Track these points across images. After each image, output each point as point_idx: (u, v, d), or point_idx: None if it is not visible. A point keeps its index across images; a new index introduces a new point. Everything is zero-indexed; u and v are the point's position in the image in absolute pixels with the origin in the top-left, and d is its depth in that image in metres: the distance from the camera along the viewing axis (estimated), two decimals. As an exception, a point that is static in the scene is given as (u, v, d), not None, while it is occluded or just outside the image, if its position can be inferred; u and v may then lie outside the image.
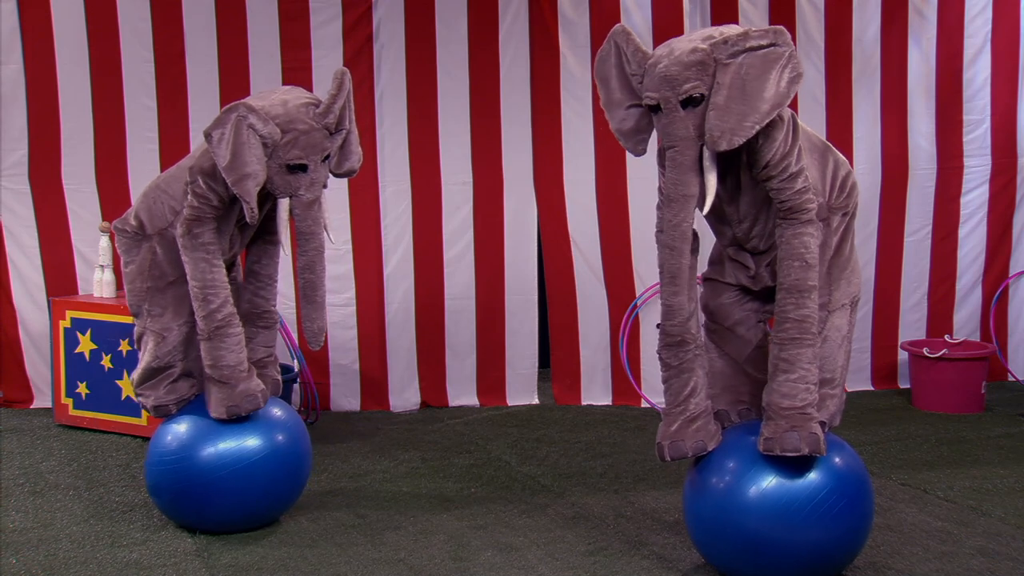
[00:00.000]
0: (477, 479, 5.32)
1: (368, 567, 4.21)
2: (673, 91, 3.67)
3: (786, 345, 3.78)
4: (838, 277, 3.95)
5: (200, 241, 4.46)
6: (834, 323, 3.93)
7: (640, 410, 6.64)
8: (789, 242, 3.77)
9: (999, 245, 7.14)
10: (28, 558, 4.28)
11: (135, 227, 4.65)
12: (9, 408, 6.54)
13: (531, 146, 6.72)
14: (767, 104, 3.62)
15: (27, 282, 6.57)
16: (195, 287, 4.47)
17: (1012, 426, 6.25)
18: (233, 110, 4.36)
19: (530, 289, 6.79)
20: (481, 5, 6.59)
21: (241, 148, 4.30)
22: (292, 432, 4.64)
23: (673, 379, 3.97)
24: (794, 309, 3.77)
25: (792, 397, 3.76)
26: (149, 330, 4.64)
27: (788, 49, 3.70)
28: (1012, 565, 4.20)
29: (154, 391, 4.62)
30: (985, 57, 7.00)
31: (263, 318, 4.80)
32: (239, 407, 4.46)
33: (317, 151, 4.39)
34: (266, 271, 4.81)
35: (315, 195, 4.44)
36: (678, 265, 3.79)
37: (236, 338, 4.50)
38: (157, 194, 4.65)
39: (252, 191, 4.31)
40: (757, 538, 3.80)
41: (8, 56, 6.41)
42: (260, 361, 4.75)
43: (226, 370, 4.46)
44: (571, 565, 4.22)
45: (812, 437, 3.73)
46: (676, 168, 3.72)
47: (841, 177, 3.93)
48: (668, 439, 3.94)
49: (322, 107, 4.42)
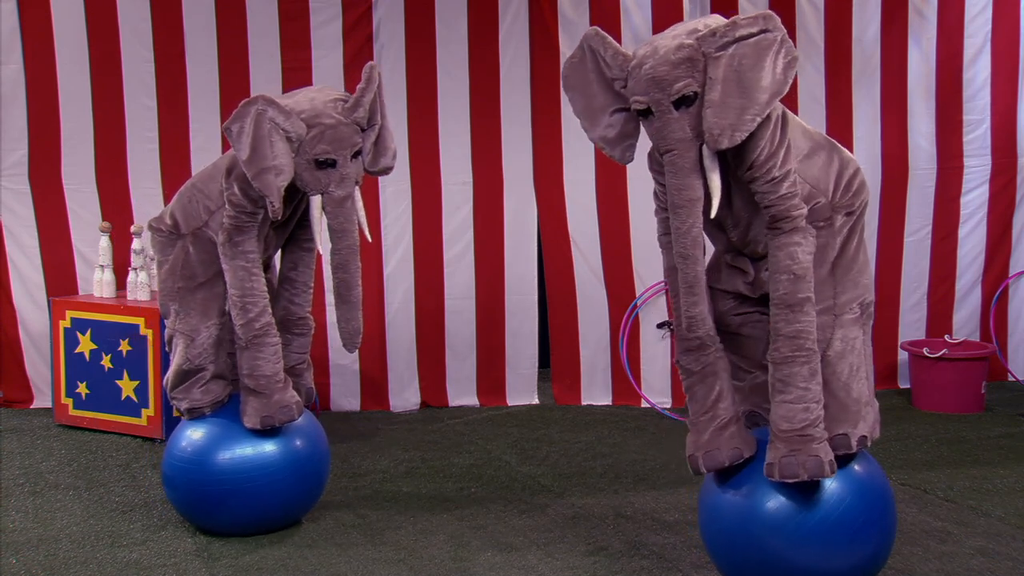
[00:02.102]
0: (477, 479, 5.32)
1: (368, 567, 4.21)
2: (664, 92, 3.47)
3: (780, 366, 3.60)
4: (843, 278, 3.76)
5: (240, 249, 4.41)
6: (847, 335, 3.72)
7: (640, 410, 6.64)
8: (775, 255, 3.60)
9: (999, 245, 7.14)
10: (28, 558, 4.28)
11: (169, 226, 4.60)
12: (9, 408, 6.54)
13: (531, 146, 6.73)
14: (766, 94, 3.44)
15: (27, 282, 6.57)
16: (234, 295, 4.43)
17: (1012, 426, 6.25)
18: (252, 103, 4.30)
19: (530, 289, 6.79)
20: (481, 5, 6.59)
21: (261, 142, 4.24)
22: (311, 437, 4.63)
23: (697, 385, 3.77)
24: (785, 325, 3.59)
25: (790, 420, 3.57)
26: (178, 331, 4.59)
27: (780, 33, 3.49)
28: (1012, 565, 4.20)
29: (187, 394, 4.57)
30: (985, 57, 7.00)
31: (298, 325, 4.76)
32: (273, 418, 4.42)
33: (346, 146, 4.31)
34: (302, 277, 4.78)
35: (347, 191, 4.36)
36: (694, 273, 3.57)
37: (273, 348, 4.46)
38: (193, 193, 4.60)
39: (273, 185, 4.23)
40: (779, 557, 3.64)
41: (8, 56, 6.41)
42: (294, 368, 4.72)
43: (262, 380, 4.42)
44: (571, 565, 4.22)
45: (813, 461, 3.54)
46: (677, 173, 3.52)
47: (848, 176, 3.74)
48: (701, 449, 3.71)
49: (351, 102, 4.35)
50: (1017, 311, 7.20)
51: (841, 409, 3.70)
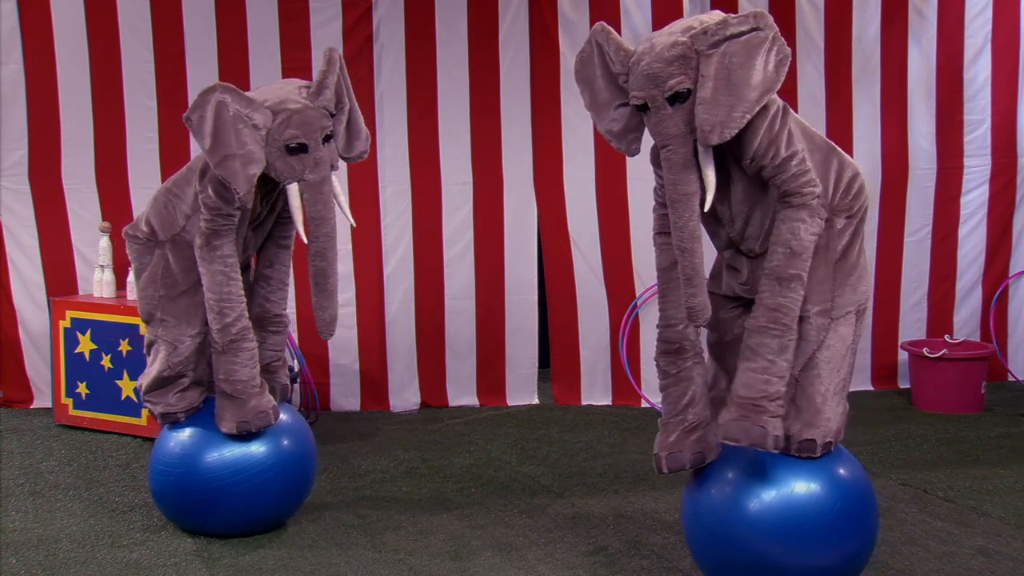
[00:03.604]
0: (477, 479, 5.32)
1: (368, 567, 4.21)
2: (658, 89, 3.56)
3: (753, 333, 3.65)
4: (843, 282, 3.78)
5: (218, 253, 4.38)
6: (839, 332, 3.77)
7: (640, 410, 6.64)
8: (778, 227, 3.65)
9: (999, 245, 7.14)
10: (28, 558, 4.27)
11: (146, 233, 4.56)
12: (9, 408, 6.54)
13: (531, 146, 6.73)
14: (755, 92, 3.51)
15: (27, 282, 6.57)
16: (211, 299, 4.40)
17: (1012, 426, 6.25)
18: (211, 91, 4.28)
19: (530, 289, 6.79)
20: (481, 5, 6.59)
21: (223, 129, 4.22)
22: (298, 436, 4.61)
23: (671, 387, 3.87)
24: (769, 297, 3.63)
25: (749, 387, 3.62)
26: (161, 339, 4.56)
27: (771, 32, 3.56)
28: (1012, 565, 4.20)
29: (163, 398, 4.55)
30: (985, 57, 7.00)
31: (273, 322, 4.75)
32: (250, 423, 4.40)
33: (315, 129, 4.27)
34: (278, 275, 4.76)
35: (321, 175, 4.30)
36: (692, 266, 3.62)
37: (250, 353, 4.43)
38: (167, 198, 4.56)
39: (239, 174, 4.20)
40: (758, 555, 3.68)
41: (8, 56, 6.41)
42: (269, 365, 4.70)
43: (238, 385, 4.40)
44: (571, 565, 4.22)
45: (758, 431, 3.58)
46: (672, 168, 3.60)
47: (847, 179, 3.78)
48: (666, 450, 3.83)
49: (314, 86, 4.33)
50: (1017, 311, 7.20)
51: (815, 414, 3.73)
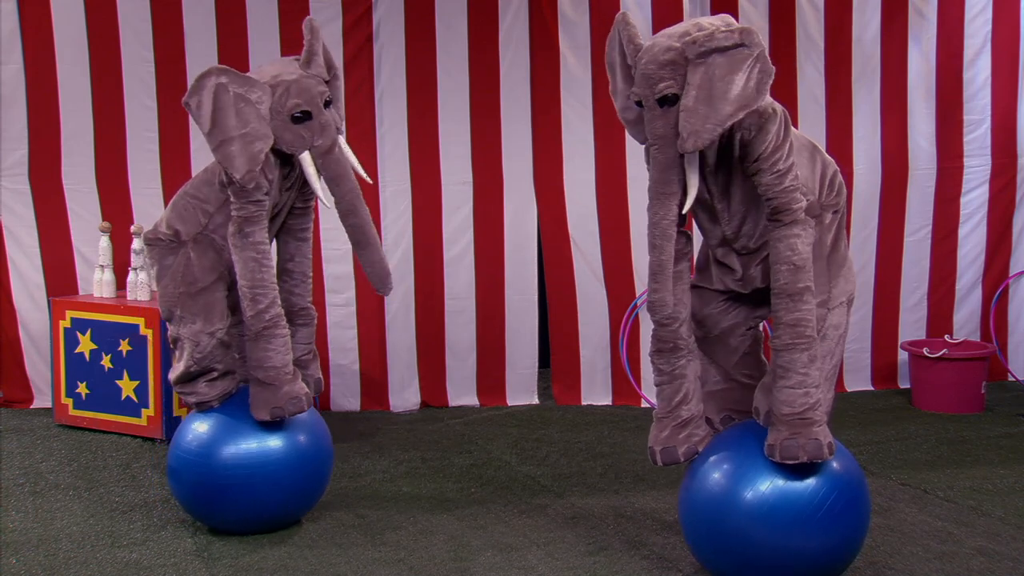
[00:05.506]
0: (477, 479, 5.32)
1: (368, 567, 4.21)
2: (651, 89, 3.69)
3: (780, 352, 3.77)
4: (836, 274, 3.95)
5: (250, 240, 4.42)
6: (832, 322, 3.93)
7: (640, 410, 6.64)
8: (775, 246, 3.76)
9: (999, 245, 7.14)
10: (28, 558, 4.28)
11: (170, 235, 4.62)
12: (9, 408, 6.54)
13: (531, 146, 6.73)
14: (731, 106, 3.58)
15: (27, 282, 6.57)
16: (244, 286, 4.44)
17: (1012, 426, 6.25)
18: (207, 75, 4.36)
19: (530, 289, 6.79)
20: (481, 5, 6.59)
21: (222, 113, 4.30)
22: (315, 433, 4.63)
23: (666, 385, 3.99)
24: (786, 313, 3.75)
25: (791, 404, 3.74)
26: (183, 336, 4.61)
27: (756, 50, 3.64)
28: (1012, 565, 4.20)
29: (194, 388, 4.60)
30: (985, 57, 7.00)
31: (300, 315, 4.77)
32: (283, 409, 4.44)
33: (315, 95, 4.38)
34: (300, 268, 4.79)
35: (331, 139, 4.42)
36: (658, 261, 3.77)
37: (282, 339, 4.47)
38: (187, 201, 4.64)
39: (233, 157, 4.29)
40: (751, 542, 3.78)
41: (8, 56, 6.41)
42: (300, 359, 4.73)
43: (271, 371, 4.44)
44: (571, 565, 4.22)
45: (813, 443, 3.71)
46: (656, 166, 3.75)
47: (830, 175, 3.95)
48: (660, 444, 3.99)
49: (303, 56, 4.44)
50: (1017, 311, 7.20)
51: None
